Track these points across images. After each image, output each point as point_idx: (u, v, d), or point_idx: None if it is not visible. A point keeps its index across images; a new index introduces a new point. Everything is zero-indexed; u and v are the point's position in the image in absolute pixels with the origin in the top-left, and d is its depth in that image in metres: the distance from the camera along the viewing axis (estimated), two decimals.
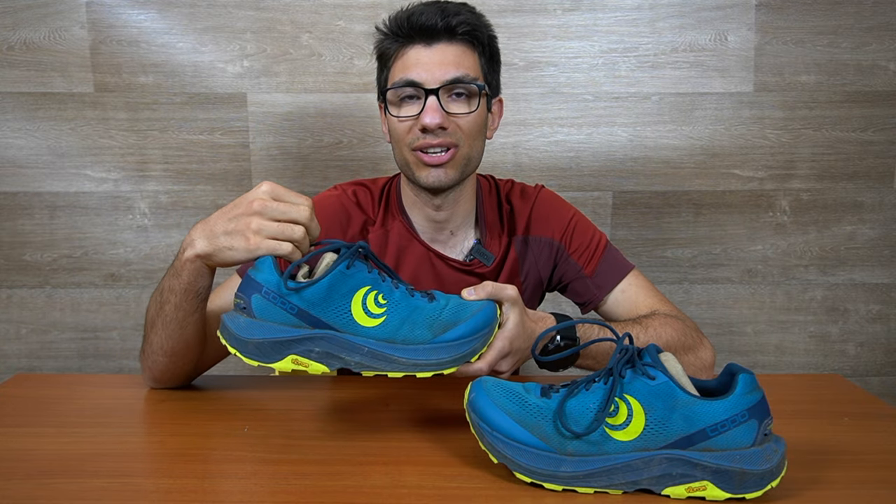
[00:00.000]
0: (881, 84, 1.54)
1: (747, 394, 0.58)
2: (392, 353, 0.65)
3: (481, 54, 0.93)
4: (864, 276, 1.62)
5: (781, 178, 1.58)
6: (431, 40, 0.89)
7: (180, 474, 0.63)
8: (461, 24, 0.89)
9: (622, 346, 0.61)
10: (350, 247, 0.67)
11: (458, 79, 0.89)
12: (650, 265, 1.60)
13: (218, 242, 0.71)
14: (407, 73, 0.89)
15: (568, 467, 0.58)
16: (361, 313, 0.66)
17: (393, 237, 0.99)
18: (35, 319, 1.58)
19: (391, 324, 0.66)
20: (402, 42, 0.91)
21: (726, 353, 1.63)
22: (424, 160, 0.90)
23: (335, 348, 0.65)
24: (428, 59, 0.89)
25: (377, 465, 0.65)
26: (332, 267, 0.66)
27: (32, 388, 0.86)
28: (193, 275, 0.75)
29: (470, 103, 0.91)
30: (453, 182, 0.92)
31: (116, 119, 1.50)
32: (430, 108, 0.88)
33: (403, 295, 0.68)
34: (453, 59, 0.89)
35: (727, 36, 1.52)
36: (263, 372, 1.63)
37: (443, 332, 0.66)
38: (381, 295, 0.67)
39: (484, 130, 0.95)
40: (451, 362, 0.66)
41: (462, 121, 0.90)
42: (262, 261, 0.66)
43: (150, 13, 1.47)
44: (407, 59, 0.90)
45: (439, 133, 0.89)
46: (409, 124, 0.90)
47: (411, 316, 0.67)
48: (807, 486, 0.61)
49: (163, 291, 0.79)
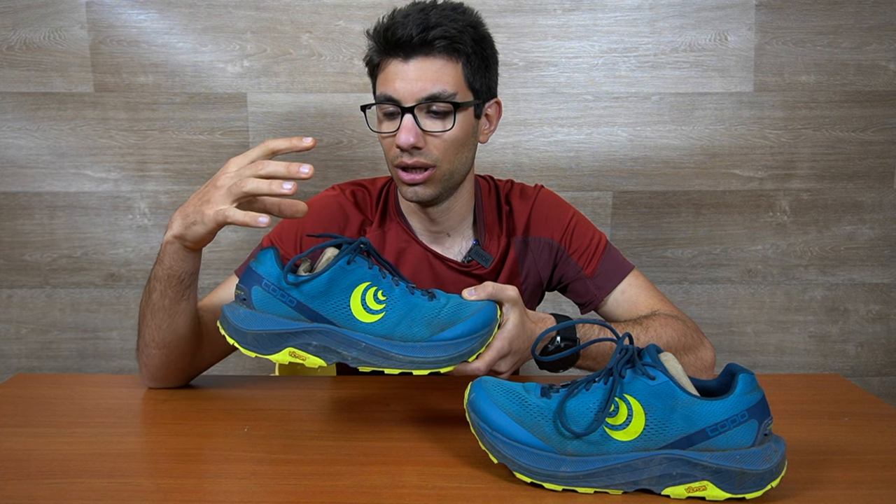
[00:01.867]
0: (881, 84, 1.54)
1: (747, 394, 0.58)
2: (389, 349, 0.65)
3: (465, 64, 0.89)
4: (864, 276, 1.62)
5: (781, 178, 1.58)
6: (408, 55, 0.86)
7: (180, 474, 0.63)
8: (438, 39, 0.85)
9: (622, 347, 0.61)
10: (351, 242, 0.67)
11: (434, 96, 0.86)
12: (650, 265, 1.60)
13: (186, 221, 0.74)
14: (386, 88, 0.88)
15: (568, 467, 0.58)
16: (360, 309, 0.66)
17: (391, 238, 0.99)
18: (35, 319, 1.58)
19: (390, 320, 0.66)
20: (383, 55, 0.89)
21: (726, 354, 1.63)
22: (403, 179, 0.90)
23: (333, 343, 0.65)
24: (404, 75, 0.86)
25: (377, 465, 0.65)
26: (332, 262, 0.66)
27: (32, 388, 0.86)
28: (173, 257, 0.77)
29: (445, 122, 0.88)
30: (434, 197, 0.92)
31: (116, 119, 1.50)
32: (405, 128, 0.86)
33: (403, 292, 0.68)
34: (431, 74, 0.86)
35: (727, 36, 1.52)
36: (263, 372, 1.63)
37: (441, 331, 0.66)
38: (381, 291, 0.67)
39: (468, 141, 0.92)
40: (448, 361, 0.67)
41: (438, 140, 0.88)
42: (263, 253, 0.67)
43: (150, 13, 1.47)
44: (387, 73, 0.88)
45: (414, 153, 0.87)
46: (389, 141, 0.90)
47: (410, 313, 0.67)
48: (807, 486, 0.61)
49: (149, 281, 0.81)
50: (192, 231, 0.73)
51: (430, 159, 0.88)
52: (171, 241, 0.76)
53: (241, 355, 1.59)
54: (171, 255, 0.77)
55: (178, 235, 0.75)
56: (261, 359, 0.66)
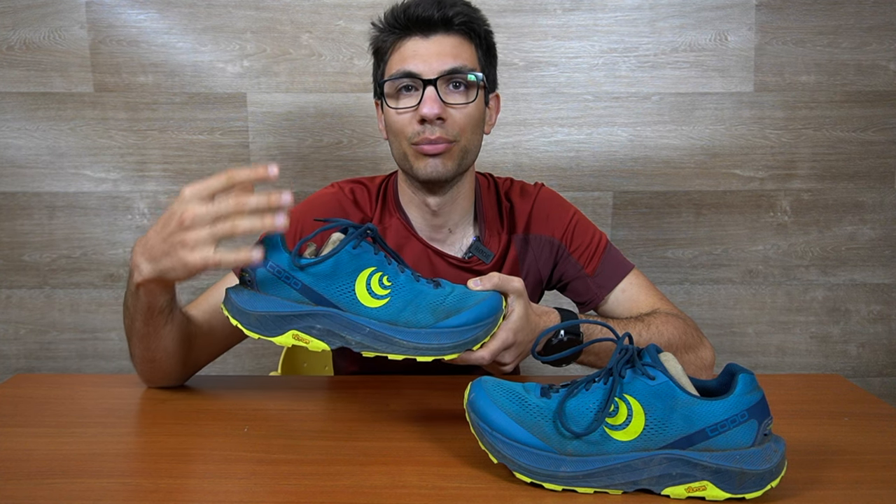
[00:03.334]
0: (881, 84, 1.54)
1: (747, 394, 0.57)
2: (393, 334, 0.65)
3: (478, 46, 0.93)
4: (865, 277, 1.62)
5: (782, 178, 1.58)
6: (428, 32, 0.89)
7: (180, 474, 0.63)
8: (458, 16, 0.89)
9: (622, 346, 0.61)
10: (358, 227, 0.67)
11: (457, 69, 0.89)
12: (651, 265, 1.60)
13: (160, 266, 0.69)
14: (404, 64, 0.89)
15: (568, 467, 0.58)
16: (365, 294, 0.66)
17: (391, 234, 0.99)
18: (34, 320, 1.58)
19: (394, 306, 0.66)
20: (398, 35, 0.91)
21: (727, 354, 1.63)
22: (423, 150, 0.90)
23: (337, 326, 0.65)
24: (425, 51, 0.89)
25: (377, 465, 0.65)
26: (338, 246, 0.66)
27: (32, 388, 0.86)
28: (149, 296, 0.74)
29: (468, 94, 0.91)
30: (451, 174, 0.92)
31: (116, 119, 1.50)
32: (429, 99, 0.87)
33: (408, 279, 0.68)
34: (451, 50, 0.89)
35: (727, 36, 1.52)
36: (263, 372, 1.63)
37: (445, 318, 0.66)
38: (386, 277, 0.67)
39: (482, 124, 0.95)
40: (452, 348, 0.66)
41: (460, 112, 0.90)
42: (269, 237, 0.66)
43: (150, 13, 1.47)
44: (404, 50, 0.90)
45: (437, 125, 0.88)
46: (407, 116, 0.90)
47: (415, 300, 0.67)
48: (807, 486, 0.61)
49: (128, 308, 0.79)
50: (171, 275, 0.69)
51: (451, 134, 0.89)
52: (143, 283, 0.72)
53: (240, 356, 1.59)
54: (147, 293, 0.74)
55: (151, 279, 0.71)
56: (264, 341, 0.66)
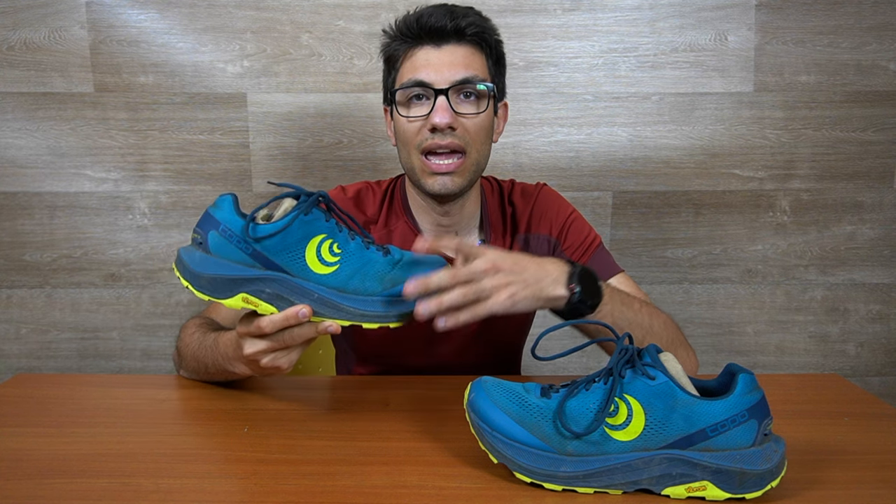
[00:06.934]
0: (881, 84, 1.54)
1: (747, 394, 0.58)
2: (341, 301, 0.66)
3: (489, 56, 0.93)
4: (864, 276, 1.62)
5: (781, 178, 1.58)
6: (441, 41, 0.89)
7: (180, 474, 0.63)
8: (470, 26, 0.89)
9: (622, 347, 0.61)
10: (310, 194, 0.68)
11: (468, 79, 0.89)
12: (650, 265, 1.60)
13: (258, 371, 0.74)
14: (416, 73, 0.89)
15: (568, 467, 0.58)
16: (315, 260, 0.67)
17: (396, 237, 0.99)
18: (35, 319, 1.58)
19: (343, 273, 0.67)
20: (410, 43, 0.91)
21: (726, 354, 1.63)
22: (431, 168, 0.90)
23: (286, 291, 0.66)
24: (437, 60, 0.89)
25: (377, 465, 0.65)
26: (289, 212, 0.67)
27: (32, 388, 0.86)
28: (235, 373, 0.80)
29: (479, 104, 0.91)
30: (460, 189, 0.92)
31: (116, 119, 1.50)
32: (440, 108, 0.87)
33: (358, 246, 0.69)
34: (462, 59, 0.89)
35: (727, 36, 1.52)
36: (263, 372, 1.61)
37: (392, 287, 0.68)
38: (337, 244, 0.68)
39: (491, 134, 0.95)
40: (397, 317, 0.68)
41: (471, 122, 0.90)
42: (221, 198, 0.67)
43: (150, 13, 1.47)
44: (416, 59, 0.90)
45: (448, 133, 0.88)
46: (417, 125, 0.90)
47: (363, 268, 0.68)
48: (807, 486, 0.61)
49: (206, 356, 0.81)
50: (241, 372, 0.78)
51: (462, 141, 0.90)
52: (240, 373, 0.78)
53: None
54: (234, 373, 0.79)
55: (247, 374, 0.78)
56: (213, 302, 0.67)
